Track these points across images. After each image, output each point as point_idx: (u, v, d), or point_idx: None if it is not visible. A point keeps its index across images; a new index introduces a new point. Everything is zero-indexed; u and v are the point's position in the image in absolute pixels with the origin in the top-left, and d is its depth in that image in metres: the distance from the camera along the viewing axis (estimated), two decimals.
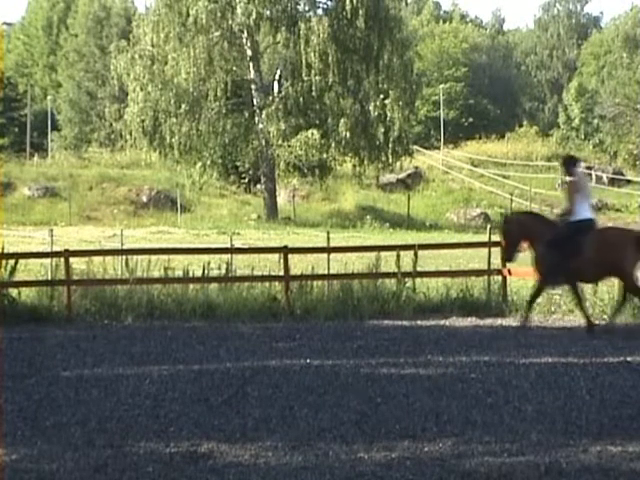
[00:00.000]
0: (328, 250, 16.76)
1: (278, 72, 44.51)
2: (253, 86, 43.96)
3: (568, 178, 13.38)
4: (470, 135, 67.12)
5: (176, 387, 9.29)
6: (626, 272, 12.97)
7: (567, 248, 12.76)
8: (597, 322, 14.16)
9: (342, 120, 42.19)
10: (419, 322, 14.10)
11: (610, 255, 12.80)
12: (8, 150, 56.15)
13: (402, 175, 52.28)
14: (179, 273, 16.03)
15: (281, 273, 15.58)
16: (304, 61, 41.66)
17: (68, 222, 39.75)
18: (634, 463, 6.59)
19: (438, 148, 63.52)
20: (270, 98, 43.04)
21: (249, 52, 43.65)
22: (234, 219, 42.32)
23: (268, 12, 42.09)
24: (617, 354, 11.01)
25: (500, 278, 15.86)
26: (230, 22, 42.07)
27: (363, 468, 6.52)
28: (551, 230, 13.09)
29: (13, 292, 15.09)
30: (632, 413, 8.06)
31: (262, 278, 15.89)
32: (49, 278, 15.73)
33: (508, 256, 13.77)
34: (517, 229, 13.35)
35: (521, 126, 70.66)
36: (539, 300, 15.06)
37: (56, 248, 18.50)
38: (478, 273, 16.23)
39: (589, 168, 55.56)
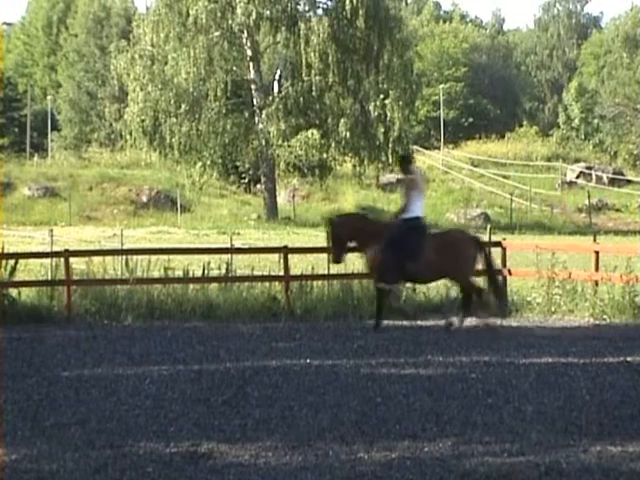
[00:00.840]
0: (328, 250, 16.75)
1: (278, 72, 44.50)
2: (253, 86, 43.95)
3: (406, 176, 13.70)
4: (470, 135, 67.08)
5: (176, 387, 9.29)
6: (462, 274, 13.42)
7: (406, 249, 13.04)
8: (597, 322, 14.19)
9: (342, 120, 42.17)
10: (419, 322, 14.10)
11: (448, 258, 13.15)
12: (8, 150, 56.16)
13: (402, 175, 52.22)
14: (179, 273, 16.03)
15: (281, 273, 15.59)
16: (304, 61, 41.64)
17: (68, 222, 39.76)
18: (634, 463, 6.59)
19: (438, 148, 63.48)
20: (270, 98, 43.03)
21: (249, 52, 43.64)
22: (234, 219, 42.32)
23: (268, 12, 42.07)
24: (617, 354, 11.02)
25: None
26: (230, 22, 42.05)
27: (363, 468, 6.52)
28: (381, 231, 13.38)
29: (13, 292, 15.09)
30: (632, 413, 8.06)
31: (262, 278, 15.90)
32: (49, 278, 15.73)
33: (336, 258, 13.96)
34: (344, 231, 13.58)
35: (521, 126, 70.64)
36: (539, 300, 15.08)
37: (56, 248, 18.51)
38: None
39: (589, 168, 55.63)
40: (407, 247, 13.00)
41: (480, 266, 13.74)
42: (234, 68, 43.95)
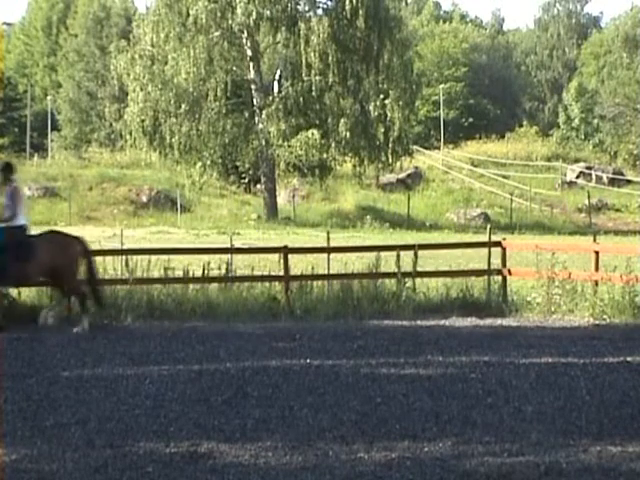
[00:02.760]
0: (328, 250, 16.74)
1: (278, 72, 44.51)
2: (253, 86, 43.95)
3: (10, 186, 13.90)
4: (470, 135, 67.10)
5: (176, 387, 9.29)
6: (67, 275, 13.77)
7: (17, 254, 13.25)
8: (597, 322, 14.19)
9: (342, 120, 42.17)
10: (419, 322, 14.09)
11: (55, 258, 13.50)
12: (8, 150, 56.15)
13: (402, 175, 52.29)
14: (179, 273, 16.02)
15: (281, 273, 15.58)
16: (304, 61, 41.64)
17: (68, 222, 39.70)
18: (634, 463, 6.59)
19: (438, 148, 63.50)
20: (270, 98, 43.03)
21: (249, 52, 43.64)
22: (234, 219, 42.29)
23: (268, 12, 42.06)
24: (617, 354, 11.01)
25: (500, 278, 15.87)
26: (230, 22, 42.05)
27: (363, 468, 6.52)
28: None
29: (13, 292, 15.09)
30: (632, 413, 8.06)
31: (262, 278, 15.89)
32: None
33: None
34: None
35: (521, 126, 70.66)
36: (539, 300, 15.09)
37: None
38: (478, 273, 16.24)
39: (589, 168, 55.63)
40: (18, 251, 13.28)
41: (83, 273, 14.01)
42: (234, 68, 43.96)
